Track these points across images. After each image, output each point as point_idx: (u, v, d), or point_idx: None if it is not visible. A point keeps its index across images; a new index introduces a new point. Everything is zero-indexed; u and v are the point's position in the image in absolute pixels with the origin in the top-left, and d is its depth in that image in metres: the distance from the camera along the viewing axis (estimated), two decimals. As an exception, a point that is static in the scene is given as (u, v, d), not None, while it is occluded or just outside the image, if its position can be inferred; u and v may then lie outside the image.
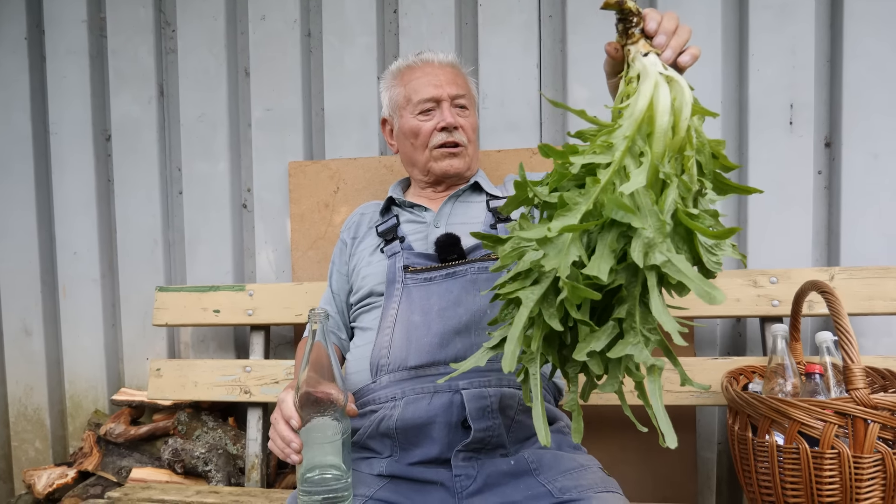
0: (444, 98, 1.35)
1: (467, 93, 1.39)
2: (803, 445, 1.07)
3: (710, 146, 0.74)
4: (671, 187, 0.70)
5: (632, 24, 0.80)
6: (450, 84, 1.36)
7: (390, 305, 1.23)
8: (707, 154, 0.73)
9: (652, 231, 0.68)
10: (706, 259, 0.71)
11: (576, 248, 0.70)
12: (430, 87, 1.35)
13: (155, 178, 2.01)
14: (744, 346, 1.71)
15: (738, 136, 1.69)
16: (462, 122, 1.36)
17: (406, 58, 1.43)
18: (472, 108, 1.41)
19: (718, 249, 0.71)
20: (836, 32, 1.62)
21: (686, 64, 0.80)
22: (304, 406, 0.99)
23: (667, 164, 0.71)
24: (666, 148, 0.71)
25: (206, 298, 1.78)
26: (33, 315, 2.10)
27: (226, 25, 1.95)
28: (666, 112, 0.71)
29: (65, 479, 1.79)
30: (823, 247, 1.66)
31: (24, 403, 2.12)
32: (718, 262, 0.71)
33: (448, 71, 1.38)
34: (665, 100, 0.72)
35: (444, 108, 1.35)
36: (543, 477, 1.08)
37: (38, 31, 2.10)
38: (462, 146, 1.36)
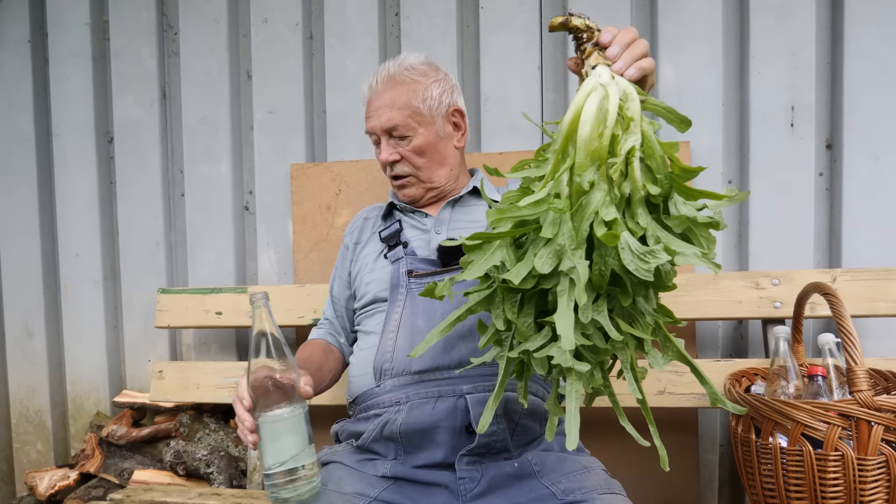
0: (378, 132, 1.31)
1: (407, 116, 1.29)
2: (807, 447, 1.07)
3: (663, 150, 0.74)
4: (591, 195, 0.72)
5: (582, 39, 0.83)
6: (384, 115, 1.29)
7: (394, 310, 1.23)
8: (659, 159, 0.73)
9: (565, 239, 0.72)
10: (634, 266, 0.70)
11: (500, 254, 0.77)
12: (370, 121, 1.32)
13: (157, 180, 2.02)
14: (746, 348, 1.71)
15: (740, 138, 1.69)
16: (402, 152, 1.30)
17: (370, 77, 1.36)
18: (420, 126, 1.30)
19: (651, 257, 0.71)
20: (836, 34, 1.62)
21: (632, 77, 0.81)
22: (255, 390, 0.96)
23: (592, 172, 0.73)
24: (589, 156, 0.73)
25: (208, 300, 1.78)
26: (35, 316, 2.10)
27: (228, 28, 1.96)
28: (588, 122, 0.73)
29: (67, 480, 1.79)
30: (825, 248, 1.66)
31: (25, 405, 2.12)
32: (648, 270, 0.70)
33: (384, 97, 1.29)
34: (589, 110, 0.74)
35: (381, 144, 1.31)
36: (547, 479, 1.08)
37: (41, 34, 2.11)
38: (407, 176, 1.33)
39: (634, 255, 0.71)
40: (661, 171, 0.74)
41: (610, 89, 0.75)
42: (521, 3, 1.77)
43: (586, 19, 0.83)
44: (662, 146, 0.74)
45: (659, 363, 0.79)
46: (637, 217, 0.74)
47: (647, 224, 0.74)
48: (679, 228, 0.75)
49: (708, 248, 0.75)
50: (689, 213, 0.74)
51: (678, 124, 0.79)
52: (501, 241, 0.79)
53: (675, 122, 0.79)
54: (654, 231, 0.74)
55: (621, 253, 0.71)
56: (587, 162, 0.73)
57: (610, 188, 0.73)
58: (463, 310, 0.84)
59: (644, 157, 0.74)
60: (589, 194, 0.73)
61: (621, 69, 0.81)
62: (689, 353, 1.62)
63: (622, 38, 0.83)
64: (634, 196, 0.74)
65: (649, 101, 0.79)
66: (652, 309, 0.79)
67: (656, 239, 0.73)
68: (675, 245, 0.73)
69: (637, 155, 0.73)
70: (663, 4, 1.69)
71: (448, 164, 1.36)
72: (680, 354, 0.79)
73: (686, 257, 0.72)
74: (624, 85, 0.77)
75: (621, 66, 0.81)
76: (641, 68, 0.82)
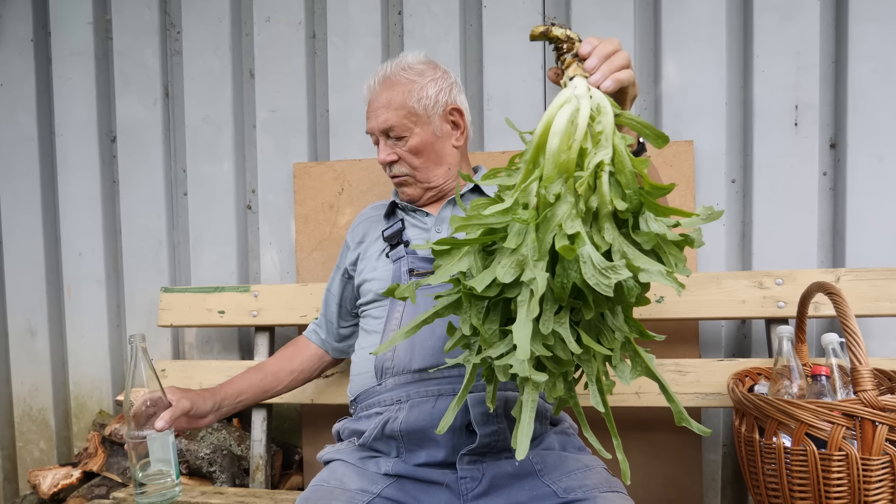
0: (376, 133, 1.32)
1: (402, 117, 1.29)
2: (811, 447, 1.07)
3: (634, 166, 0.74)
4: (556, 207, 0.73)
5: (562, 50, 0.83)
6: (380, 115, 1.30)
7: (395, 308, 1.23)
8: (628, 173, 0.73)
9: (528, 250, 0.73)
10: (595, 281, 0.71)
11: (467, 260, 0.79)
12: (369, 121, 1.33)
13: (160, 179, 2.02)
14: (749, 348, 1.70)
15: (743, 137, 1.68)
16: (399, 152, 1.31)
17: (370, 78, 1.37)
18: (416, 126, 1.30)
19: (612, 272, 0.71)
20: (840, 33, 1.62)
21: (608, 89, 0.80)
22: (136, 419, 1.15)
23: (559, 184, 0.73)
24: (557, 169, 0.73)
25: (210, 299, 1.78)
26: (38, 315, 2.10)
27: (231, 27, 1.96)
28: (557, 134, 0.73)
29: (70, 479, 1.79)
30: (828, 248, 1.66)
31: (28, 404, 2.12)
32: (609, 286, 0.70)
33: (381, 98, 1.30)
34: (560, 122, 0.74)
35: (380, 144, 1.33)
36: (548, 477, 1.08)
37: (44, 33, 2.11)
38: (404, 176, 1.33)
39: (596, 270, 0.71)
40: (630, 186, 0.73)
41: (582, 102, 0.75)
42: (523, 2, 1.77)
43: (567, 29, 0.83)
44: (634, 162, 0.74)
45: (626, 378, 0.79)
46: (603, 232, 0.74)
47: (614, 239, 0.74)
48: (648, 245, 0.75)
49: (676, 266, 0.75)
50: (660, 230, 0.74)
51: (654, 140, 0.78)
52: (470, 247, 0.79)
53: (651, 137, 0.78)
54: (621, 246, 0.74)
55: (583, 267, 0.71)
56: (555, 174, 0.73)
57: (576, 201, 0.73)
58: (430, 313, 0.85)
59: (614, 171, 0.74)
60: (554, 206, 0.73)
61: (598, 81, 0.80)
62: (692, 353, 1.62)
63: (601, 49, 0.82)
64: (602, 210, 0.74)
65: (625, 115, 0.79)
66: (623, 324, 0.79)
67: (622, 254, 0.73)
68: (640, 262, 0.72)
69: (606, 169, 0.73)
70: (667, 3, 1.69)
71: (446, 164, 1.36)
72: (648, 370, 0.80)
73: (650, 274, 0.72)
74: (599, 98, 0.76)
75: (598, 79, 0.81)
76: (618, 80, 0.81)
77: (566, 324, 0.75)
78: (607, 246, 0.74)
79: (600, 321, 0.79)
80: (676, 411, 0.80)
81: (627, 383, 0.79)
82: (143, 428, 1.14)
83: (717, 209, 0.80)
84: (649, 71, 1.73)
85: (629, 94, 0.88)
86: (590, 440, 0.84)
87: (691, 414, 1.62)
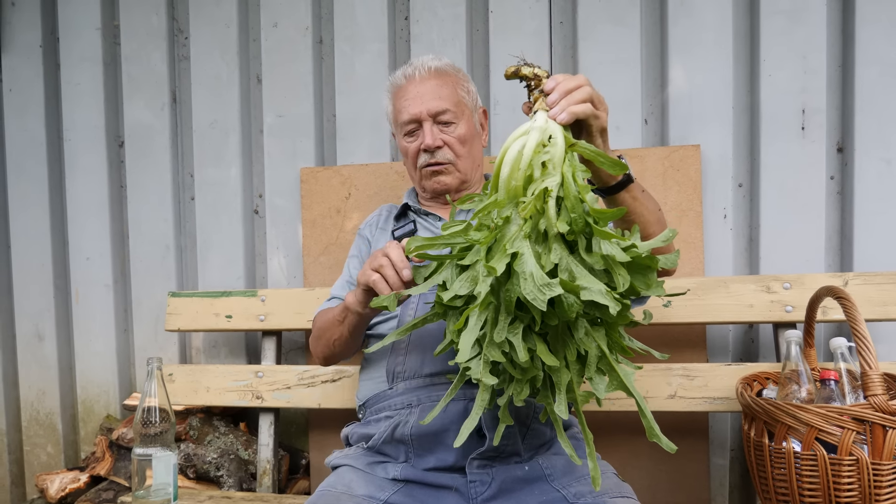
0: (423, 117, 1.31)
1: (453, 104, 1.32)
2: (821, 452, 1.06)
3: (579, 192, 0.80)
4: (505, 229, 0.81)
5: (531, 87, 0.91)
6: (432, 99, 1.31)
7: (406, 312, 1.24)
8: (573, 199, 0.79)
9: (480, 266, 0.81)
10: (532, 296, 0.76)
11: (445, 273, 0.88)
12: (411, 108, 1.32)
13: (167, 184, 2.03)
14: (756, 352, 1.70)
15: (750, 142, 1.68)
16: (445, 138, 1.32)
17: (398, 72, 1.39)
18: (462, 117, 1.34)
19: (548, 289, 0.75)
20: (847, 37, 1.62)
21: (563, 121, 0.87)
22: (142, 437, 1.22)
23: (510, 208, 0.81)
24: (507, 194, 0.82)
25: (218, 304, 1.79)
26: (46, 320, 2.11)
27: (238, 32, 1.97)
28: (508, 163, 0.82)
29: (77, 483, 1.79)
30: (836, 252, 1.65)
31: (36, 408, 2.13)
32: (543, 301, 0.75)
33: (431, 84, 1.33)
34: (511, 153, 0.82)
35: (424, 129, 1.32)
36: (558, 482, 1.08)
37: (52, 39, 2.12)
38: (447, 163, 1.33)
39: (535, 286, 0.76)
40: (575, 210, 0.79)
41: (532, 134, 0.83)
42: (530, 7, 1.77)
43: (536, 68, 0.90)
44: (580, 188, 0.80)
45: (601, 391, 0.84)
46: (551, 252, 0.80)
47: (560, 259, 0.80)
48: (598, 265, 0.80)
49: (622, 285, 0.79)
50: (609, 252, 0.79)
51: (609, 167, 0.86)
52: (450, 261, 0.89)
53: (606, 165, 0.86)
54: (569, 265, 0.80)
55: (523, 283, 0.77)
56: (505, 199, 0.82)
57: (523, 224, 0.80)
58: (419, 319, 0.93)
59: (563, 196, 0.80)
60: (503, 228, 0.81)
61: (555, 115, 0.87)
62: (700, 358, 1.62)
63: (564, 86, 0.89)
64: (550, 232, 0.80)
65: (579, 145, 0.85)
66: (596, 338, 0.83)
67: (569, 273, 0.79)
68: (583, 280, 0.78)
69: (553, 195, 0.79)
70: (673, 8, 1.69)
71: (477, 161, 1.40)
72: (622, 385, 0.84)
73: (591, 292, 0.76)
74: (552, 129, 0.84)
75: (556, 112, 0.87)
76: (573, 113, 0.87)
77: (519, 334, 0.81)
78: (552, 265, 0.79)
79: (567, 335, 0.84)
80: (648, 427, 0.83)
81: (602, 396, 0.84)
82: (149, 447, 1.21)
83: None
84: (656, 75, 1.73)
85: (594, 126, 0.93)
86: (563, 446, 0.87)
87: (698, 418, 1.61)
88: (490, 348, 0.81)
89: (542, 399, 0.89)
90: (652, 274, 0.81)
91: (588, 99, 0.89)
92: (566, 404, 0.86)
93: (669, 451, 0.82)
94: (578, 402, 0.87)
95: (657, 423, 0.84)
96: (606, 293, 0.76)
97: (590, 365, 0.84)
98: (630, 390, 0.83)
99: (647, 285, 0.81)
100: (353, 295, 1.14)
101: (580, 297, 0.77)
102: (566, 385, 0.84)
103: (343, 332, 1.22)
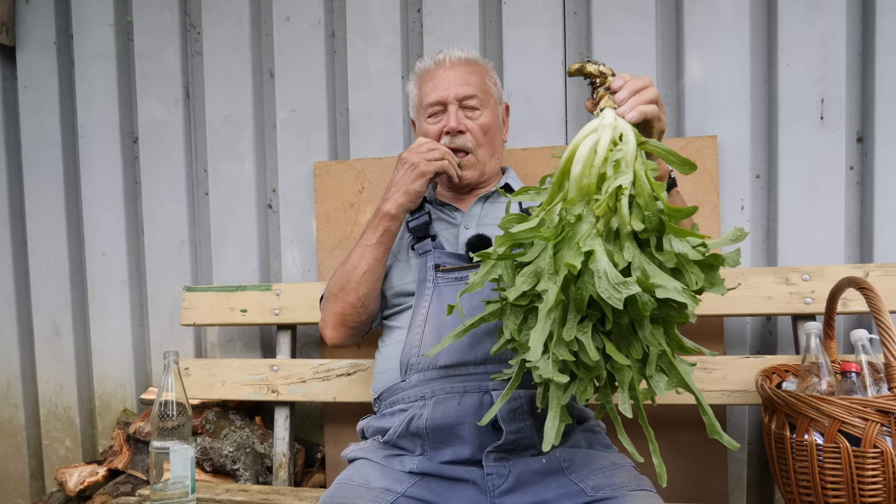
0: (449, 100, 1.32)
1: (480, 92, 1.34)
2: (844, 444, 1.05)
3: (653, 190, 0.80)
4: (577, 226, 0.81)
5: (596, 84, 0.92)
6: (459, 85, 1.33)
7: (421, 304, 1.23)
8: (647, 196, 0.79)
9: (545, 263, 0.82)
10: (607, 294, 0.76)
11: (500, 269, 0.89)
12: (438, 90, 1.33)
13: (181, 179, 2.03)
14: (774, 345, 1.68)
15: (768, 132, 1.66)
16: (469, 124, 1.32)
17: (426, 59, 1.41)
18: (487, 106, 1.36)
19: (624, 287, 0.76)
20: (867, 24, 1.59)
21: (632, 119, 0.88)
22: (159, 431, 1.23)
23: (581, 206, 0.81)
24: (579, 192, 0.81)
25: (233, 298, 1.79)
26: (63, 315, 2.13)
27: (250, 27, 1.97)
28: (580, 161, 0.82)
29: (95, 476, 1.81)
30: (856, 243, 1.63)
31: (54, 402, 2.15)
32: (619, 299, 0.76)
33: (460, 70, 1.35)
34: (583, 150, 0.82)
35: (449, 112, 1.32)
36: (576, 475, 1.08)
37: (66, 36, 2.13)
38: (467, 152, 1.33)
39: (610, 284, 0.76)
40: (649, 208, 0.79)
41: (604, 132, 0.83)
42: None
43: (601, 65, 0.92)
44: (653, 185, 0.80)
45: (661, 389, 0.85)
46: (623, 250, 0.80)
47: (633, 257, 0.80)
48: (670, 263, 0.81)
49: (696, 283, 0.80)
50: (681, 250, 0.80)
51: (680, 166, 0.85)
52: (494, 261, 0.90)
53: (677, 164, 0.85)
54: (641, 264, 0.80)
55: (597, 281, 0.77)
56: (577, 197, 0.81)
57: (596, 222, 0.80)
58: (477, 318, 0.94)
59: (635, 195, 0.80)
60: (575, 226, 0.81)
61: (624, 112, 0.88)
62: (717, 350, 1.60)
63: (632, 84, 0.90)
64: (622, 231, 0.80)
65: (650, 143, 0.86)
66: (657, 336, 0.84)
67: (642, 271, 0.79)
68: (658, 278, 0.78)
69: (626, 193, 0.79)
70: (690, 1, 1.67)
71: (497, 154, 1.41)
72: (683, 383, 0.85)
73: (666, 290, 0.77)
74: (623, 127, 0.84)
75: (625, 110, 0.88)
76: (643, 112, 0.89)
77: (588, 332, 0.82)
78: (626, 263, 0.80)
79: (631, 333, 0.84)
80: (709, 423, 0.84)
81: (662, 394, 0.85)
82: (166, 440, 1.22)
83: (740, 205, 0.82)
84: (671, 66, 1.71)
85: (655, 128, 0.94)
86: (624, 444, 0.88)
87: (717, 411, 1.60)
88: (558, 347, 0.81)
89: (601, 398, 0.90)
90: (716, 272, 0.81)
91: (655, 100, 0.91)
92: (637, 402, 0.87)
93: (732, 449, 0.83)
94: (640, 400, 0.88)
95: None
96: (683, 291, 0.77)
97: (650, 363, 0.84)
98: (691, 387, 0.84)
99: (711, 283, 0.81)
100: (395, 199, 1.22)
101: (655, 295, 0.77)
102: (629, 383, 0.85)
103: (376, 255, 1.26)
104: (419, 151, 1.23)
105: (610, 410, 0.90)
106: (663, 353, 0.84)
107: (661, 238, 0.81)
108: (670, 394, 1.47)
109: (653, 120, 0.92)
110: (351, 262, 1.27)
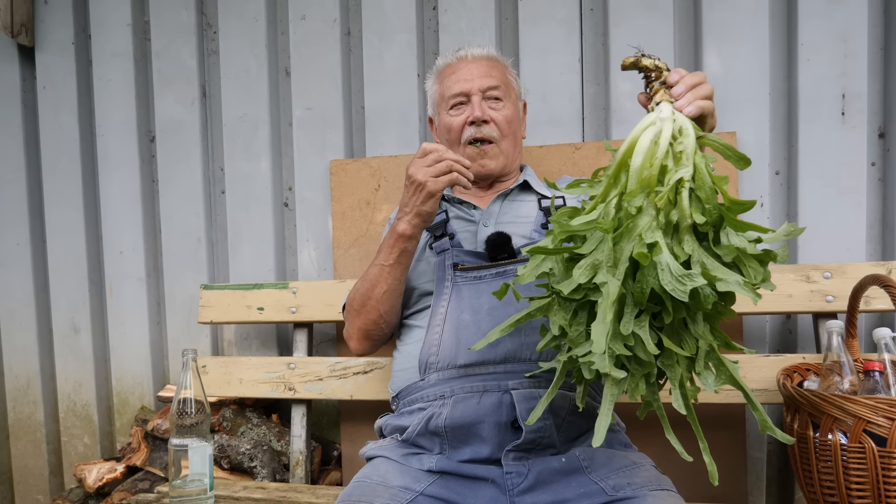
0: (473, 91, 1.34)
1: (502, 84, 1.37)
2: (869, 444, 1.04)
3: (714, 182, 0.80)
4: (637, 219, 0.80)
5: (651, 78, 0.92)
6: (482, 77, 1.35)
7: (440, 303, 1.23)
8: (708, 190, 0.79)
9: (603, 255, 0.80)
10: (671, 287, 0.76)
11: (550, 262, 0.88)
12: (462, 82, 1.35)
13: (198, 178, 2.04)
14: (795, 343, 1.66)
15: (788, 128, 1.64)
16: (493, 114, 1.33)
17: (446, 55, 1.43)
18: (509, 99, 1.38)
19: (689, 279, 0.76)
20: (889, 19, 1.57)
21: (691, 114, 0.88)
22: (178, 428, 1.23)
23: (641, 198, 0.80)
24: (639, 184, 0.80)
25: (249, 296, 1.80)
26: (81, 313, 2.15)
27: (266, 26, 1.97)
28: (640, 153, 0.81)
29: (114, 473, 1.82)
30: (878, 241, 1.61)
31: (73, 399, 2.17)
32: (684, 292, 0.75)
33: (482, 64, 1.37)
34: (643, 142, 0.82)
35: (473, 102, 1.34)
36: (596, 474, 1.07)
37: (84, 36, 2.15)
38: (492, 142, 1.34)
39: (673, 277, 0.76)
40: (709, 201, 0.79)
41: (665, 125, 0.82)
42: (560, -6, 1.75)
43: (656, 60, 0.91)
44: (714, 179, 0.79)
45: (710, 385, 0.84)
46: (683, 243, 0.80)
47: (693, 250, 0.80)
48: (728, 257, 0.80)
49: (755, 278, 0.79)
50: (740, 244, 0.79)
51: (735, 161, 0.85)
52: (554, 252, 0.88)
53: (733, 159, 0.85)
54: (700, 257, 0.79)
55: (660, 273, 0.77)
56: (637, 189, 0.80)
57: (657, 214, 0.80)
58: (524, 314, 0.91)
59: (695, 188, 0.80)
60: (636, 218, 0.80)
61: (682, 106, 0.88)
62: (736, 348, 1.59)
63: (689, 79, 0.90)
64: (682, 224, 0.80)
65: (707, 137, 0.85)
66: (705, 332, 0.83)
67: (701, 265, 0.79)
68: (718, 272, 0.78)
69: (687, 186, 0.79)
70: None
71: (518, 148, 1.42)
72: (732, 379, 0.84)
73: (728, 284, 0.77)
74: (682, 121, 0.84)
75: (683, 104, 0.88)
76: (700, 107, 0.89)
77: (646, 326, 0.81)
78: (686, 256, 0.79)
79: (682, 328, 0.84)
80: (761, 419, 0.83)
81: (711, 390, 0.83)
82: (185, 437, 1.22)
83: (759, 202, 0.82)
84: (690, 61, 1.70)
85: (708, 124, 0.95)
86: (672, 443, 0.87)
87: (735, 411, 1.59)
88: (615, 341, 0.80)
89: (648, 395, 0.89)
90: (766, 267, 0.81)
91: (711, 95, 0.92)
92: (685, 400, 0.86)
93: (787, 443, 0.81)
94: (689, 397, 0.87)
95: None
96: (745, 284, 0.77)
97: (699, 359, 0.84)
98: (739, 383, 0.83)
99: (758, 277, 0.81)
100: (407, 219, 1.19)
101: (716, 288, 0.77)
102: (679, 379, 0.85)
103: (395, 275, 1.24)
104: (424, 166, 1.17)
105: (657, 408, 0.89)
106: (711, 350, 0.84)
107: (718, 232, 0.81)
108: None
109: (707, 116, 0.92)
110: (370, 280, 1.26)
